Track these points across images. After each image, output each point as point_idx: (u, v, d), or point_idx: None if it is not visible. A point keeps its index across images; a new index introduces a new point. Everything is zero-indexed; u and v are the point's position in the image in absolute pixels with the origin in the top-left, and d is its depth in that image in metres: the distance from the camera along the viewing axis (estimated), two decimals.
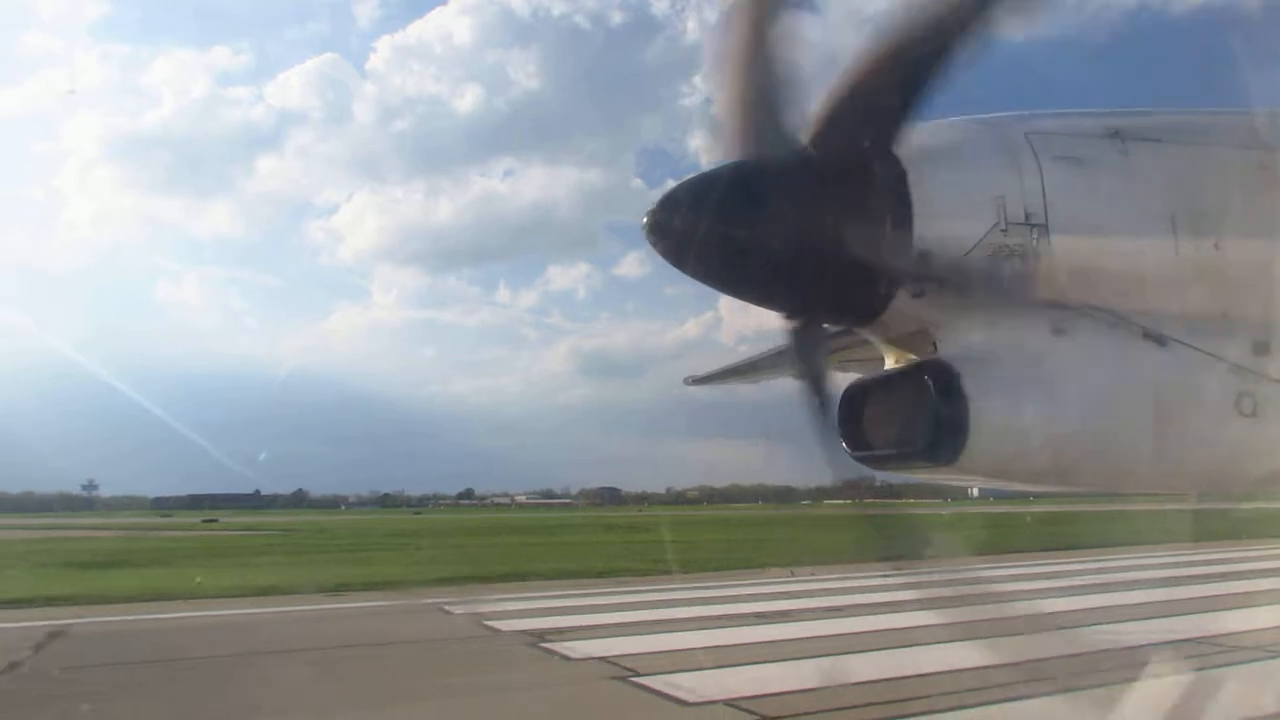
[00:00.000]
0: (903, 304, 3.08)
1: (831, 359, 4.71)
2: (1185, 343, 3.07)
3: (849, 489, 3.69)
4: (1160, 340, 3.06)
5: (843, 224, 2.99)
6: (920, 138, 3.09)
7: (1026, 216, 3.01)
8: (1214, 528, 17.27)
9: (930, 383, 3.04)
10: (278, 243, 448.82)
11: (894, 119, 3.00)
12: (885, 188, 2.98)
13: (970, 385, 2.97)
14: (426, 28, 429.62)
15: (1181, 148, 3.24)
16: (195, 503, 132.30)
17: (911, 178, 2.98)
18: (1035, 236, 3.02)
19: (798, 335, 3.33)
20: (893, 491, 3.93)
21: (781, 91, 3.10)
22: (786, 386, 4.16)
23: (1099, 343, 3.05)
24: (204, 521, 66.64)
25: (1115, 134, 3.14)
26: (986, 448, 2.99)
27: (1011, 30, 3.07)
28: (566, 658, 8.89)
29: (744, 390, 6.18)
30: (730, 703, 6.86)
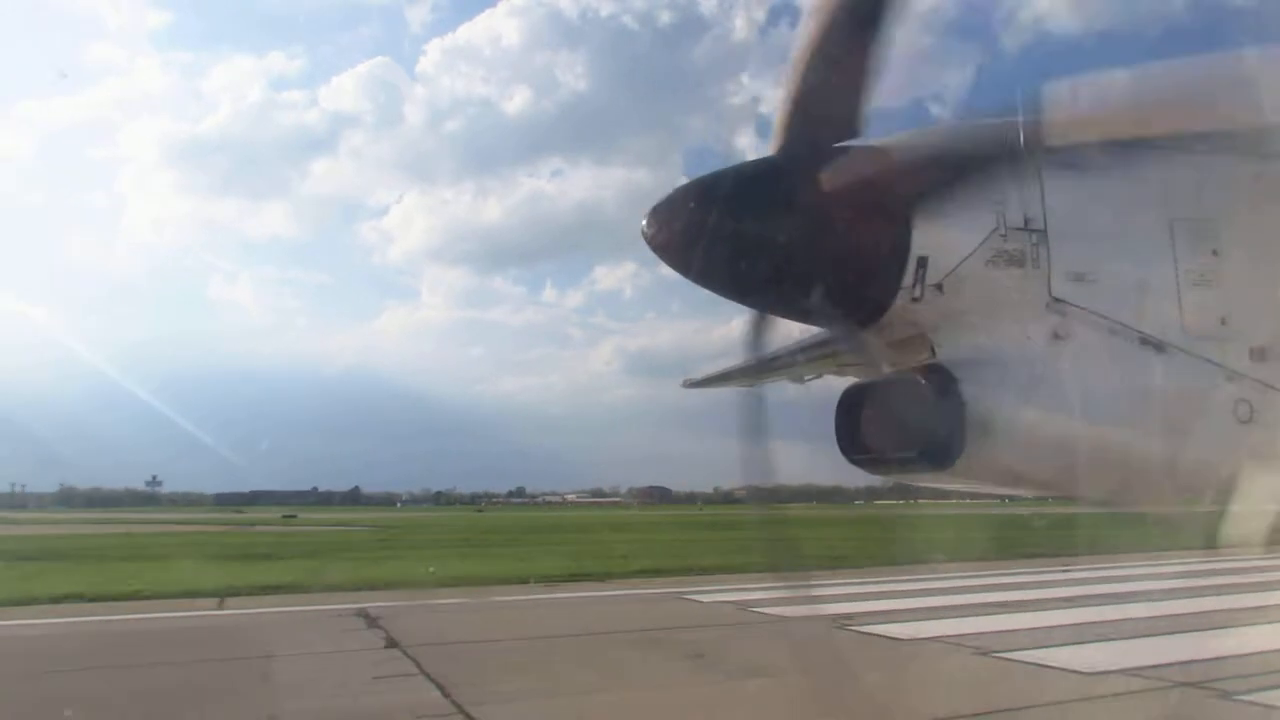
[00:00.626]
0: (901, 308, 3.08)
1: (829, 362, 4.76)
2: (1183, 349, 3.07)
3: (899, 489, 3.70)
4: (1158, 346, 3.06)
5: (839, 228, 3.01)
6: (917, 138, 3.12)
7: (1025, 222, 3.03)
8: None
9: (928, 387, 3.04)
10: (330, 243, 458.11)
11: (851, 111, 3.02)
12: (882, 191, 2.99)
13: (968, 390, 2.97)
14: (475, 30, 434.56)
15: (1180, 154, 3.23)
16: (255, 499, 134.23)
17: (909, 179, 2.98)
18: (1034, 242, 3.03)
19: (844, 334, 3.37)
20: (940, 493, 3.94)
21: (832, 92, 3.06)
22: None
23: (1097, 348, 3.05)
24: (284, 518, 66.71)
25: (1114, 140, 3.14)
26: (984, 453, 2.99)
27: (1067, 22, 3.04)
28: (896, 639, 8.67)
29: (790, 390, 6.22)
30: (1132, 672, 6.61)
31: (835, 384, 3.56)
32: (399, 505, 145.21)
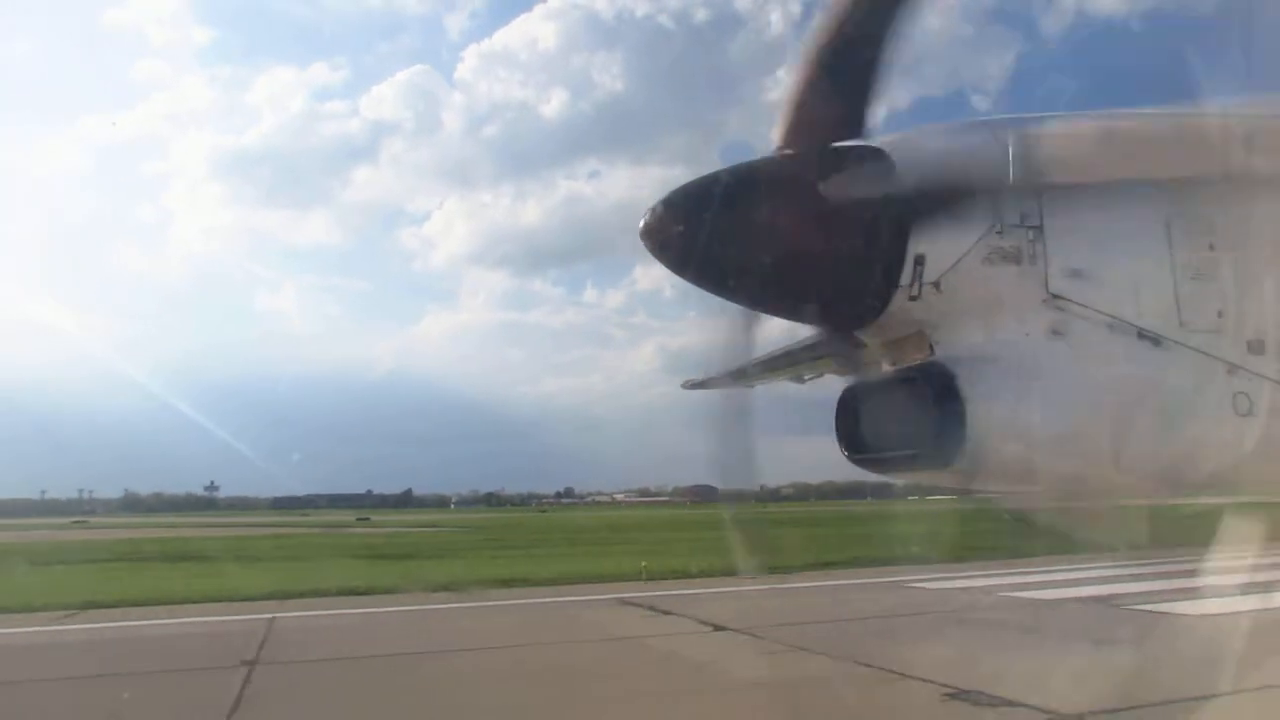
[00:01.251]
0: (899, 307, 3.09)
1: (829, 362, 4.77)
2: (1181, 343, 3.07)
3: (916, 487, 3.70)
4: (1156, 340, 3.06)
5: (837, 228, 3.02)
6: (915, 140, 3.12)
7: (1022, 219, 3.03)
8: None
9: (927, 385, 3.06)
10: (372, 250, 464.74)
11: (859, 111, 3.03)
12: (879, 191, 2.99)
13: (967, 387, 2.98)
14: (512, 35, 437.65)
15: (1174, 149, 3.23)
16: (311, 502, 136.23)
17: (907, 181, 2.98)
18: (1031, 239, 3.04)
19: (808, 337, 3.39)
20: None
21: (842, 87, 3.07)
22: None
23: (1095, 344, 3.05)
24: (359, 520, 66.86)
25: (1107, 135, 3.15)
26: (983, 450, 3.00)
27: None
28: (1186, 615, 8.43)
29: (834, 387, 6.21)
30: None
31: (836, 383, 3.59)
32: (452, 507, 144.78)
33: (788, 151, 3.12)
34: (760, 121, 3.48)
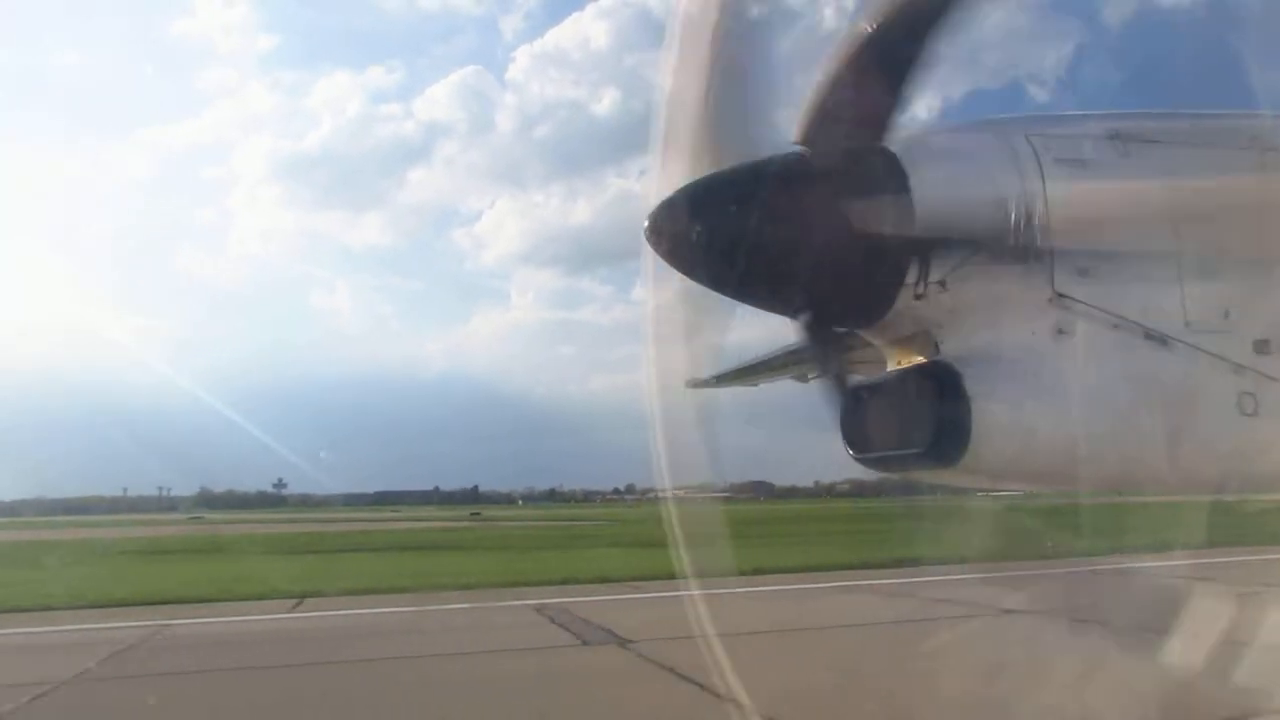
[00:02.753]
0: (905, 305, 3.10)
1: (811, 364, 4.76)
2: (1187, 342, 3.06)
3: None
4: (1162, 340, 3.06)
5: (844, 226, 3.01)
6: (922, 140, 3.12)
7: (1028, 218, 3.02)
8: None
9: (933, 384, 3.07)
10: (424, 250, 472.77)
11: (885, 116, 3.02)
12: (888, 189, 2.99)
13: (973, 386, 2.98)
14: (564, 34, 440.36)
15: (1181, 149, 3.23)
16: (382, 499, 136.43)
17: (913, 180, 2.98)
18: (1037, 238, 3.02)
19: (817, 336, 3.36)
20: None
21: (759, 93, 3.18)
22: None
23: (1101, 343, 3.05)
24: (471, 515, 68.55)
25: (1115, 136, 3.14)
26: (989, 449, 3.00)
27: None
28: None
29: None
30: None
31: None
32: (520, 504, 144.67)
33: (799, 149, 3.13)
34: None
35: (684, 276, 3.24)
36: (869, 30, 2.89)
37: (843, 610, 9.53)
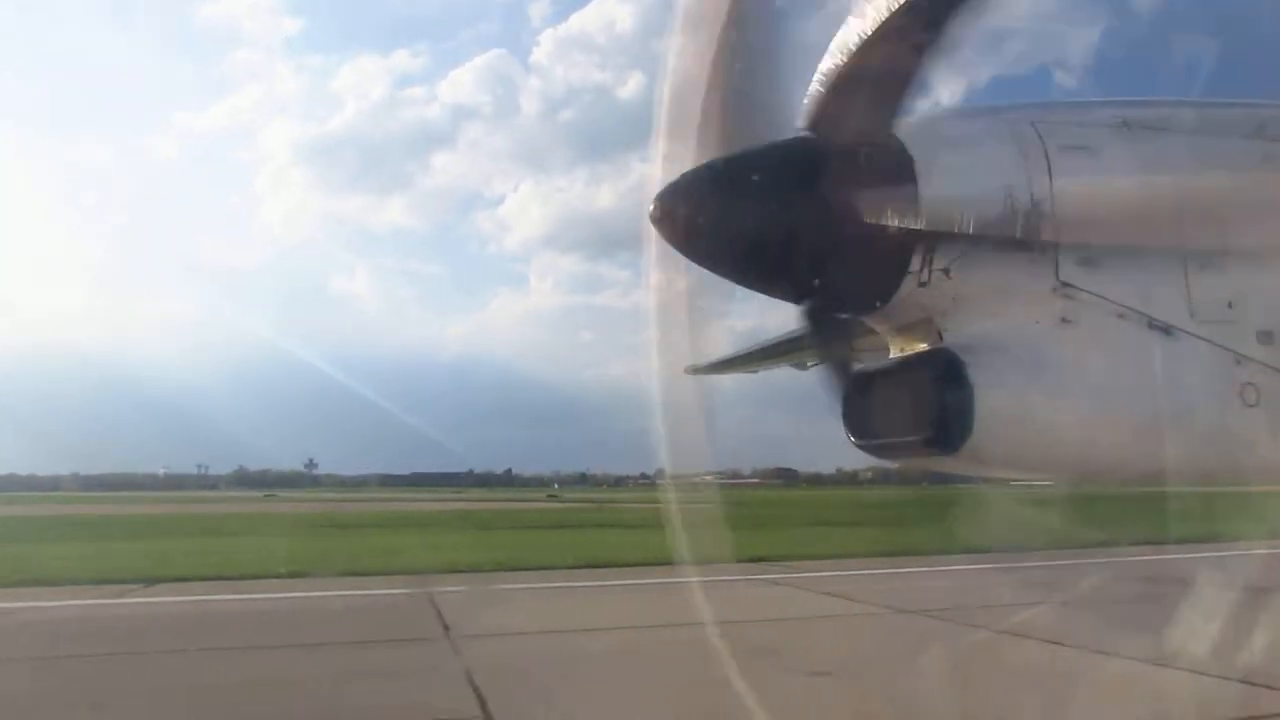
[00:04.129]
0: (909, 292, 3.09)
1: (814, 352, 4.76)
2: (1190, 332, 3.06)
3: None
4: (1166, 330, 3.05)
5: (849, 212, 3.00)
6: (928, 126, 3.11)
7: (1034, 205, 3.00)
8: None
9: (936, 371, 3.06)
10: (448, 233, 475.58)
11: (894, 101, 3.00)
12: (893, 175, 2.99)
13: (976, 374, 2.97)
14: (588, 18, 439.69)
15: (1188, 138, 3.21)
16: (418, 480, 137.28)
17: (919, 165, 2.98)
18: (1042, 226, 3.01)
19: (819, 322, 3.38)
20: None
21: (769, 78, 3.17)
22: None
23: (1105, 332, 3.05)
24: (549, 496, 70.92)
25: (1123, 124, 3.13)
26: (991, 437, 2.99)
27: None
28: None
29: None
30: None
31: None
32: (556, 487, 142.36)
33: (805, 134, 3.12)
34: None
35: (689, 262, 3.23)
36: (878, 14, 2.86)
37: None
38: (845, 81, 3.00)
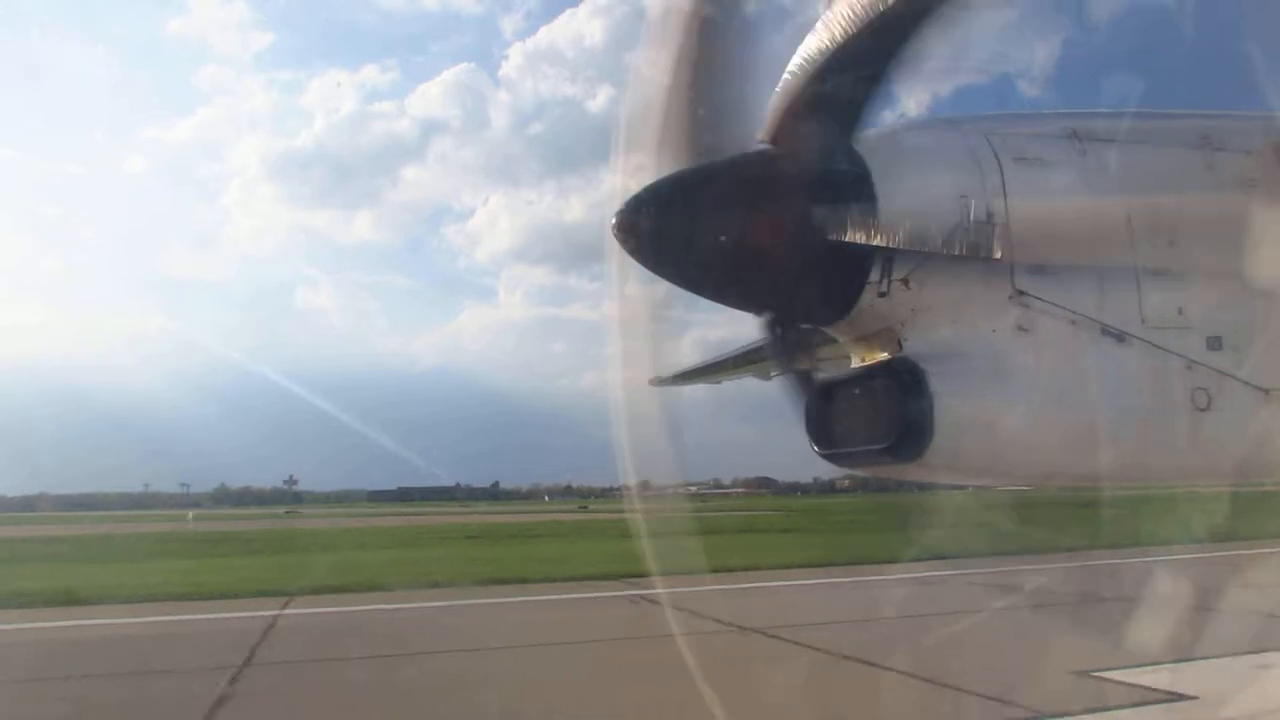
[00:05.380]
0: (868, 303, 3.13)
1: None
2: (1142, 338, 3.13)
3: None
4: (1119, 336, 3.11)
5: (808, 224, 3.03)
6: (884, 138, 3.16)
7: (989, 215, 3.06)
8: None
9: (896, 381, 3.09)
10: (417, 247, 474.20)
11: (853, 115, 3.04)
12: (851, 188, 3.02)
13: (935, 383, 3.01)
14: (556, 32, 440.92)
15: (1137, 148, 3.27)
16: (405, 495, 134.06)
17: (876, 178, 3.02)
18: (997, 235, 3.06)
19: (780, 333, 3.39)
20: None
21: (732, 91, 3.19)
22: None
23: (1059, 339, 3.10)
24: (580, 508, 71.63)
25: (1073, 135, 3.19)
26: (951, 444, 3.03)
27: None
28: None
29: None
30: None
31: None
32: (546, 499, 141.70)
33: (765, 147, 3.15)
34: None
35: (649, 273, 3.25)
36: (838, 29, 2.90)
37: None
38: (805, 95, 3.03)
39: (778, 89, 3.12)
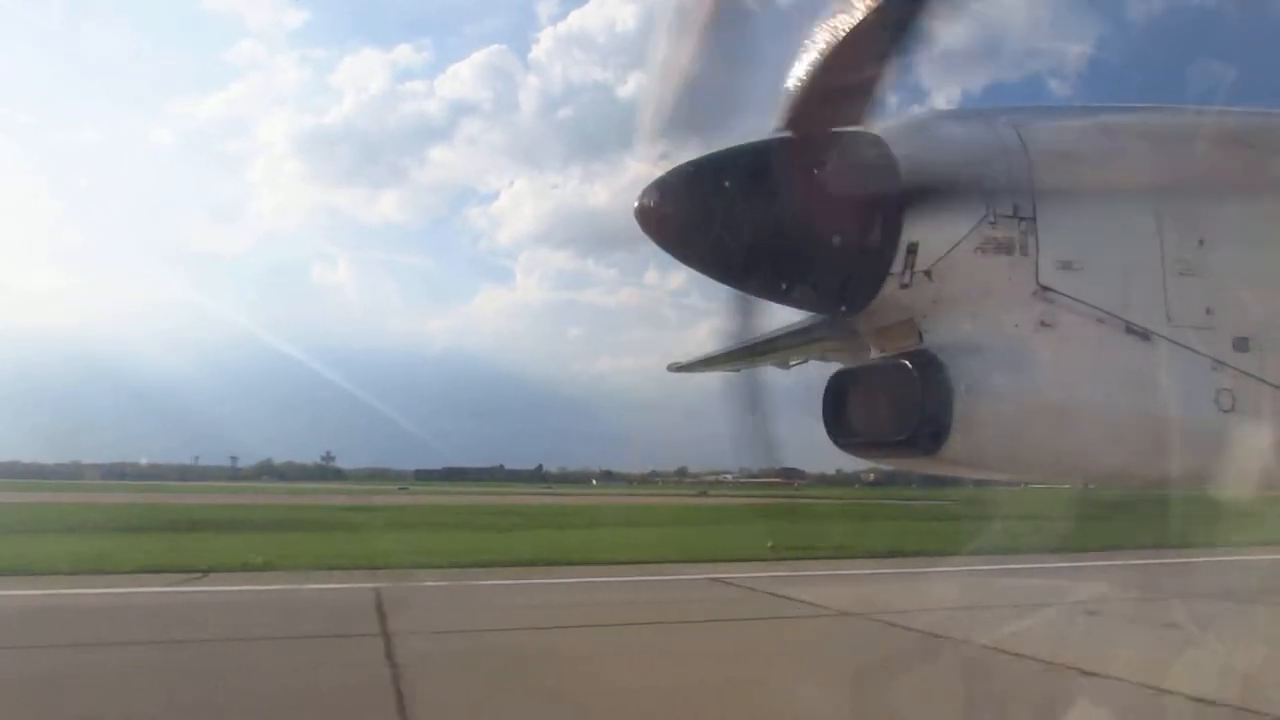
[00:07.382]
0: (890, 294, 3.10)
1: (815, 348, 4.80)
2: (1168, 338, 3.08)
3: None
4: (1143, 335, 3.07)
5: (830, 212, 3.02)
6: (912, 128, 3.13)
7: (1015, 210, 3.03)
8: None
9: (915, 373, 3.06)
10: (440, 228, 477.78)
11: (875, 100, 3.02)
12: (876, 177, 3.00)
13: (955, 376, 2.99)
14: (588, 16, 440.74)
15: (1167, 144, 3.24)
16: (452, 475, 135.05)
17: (902, 167, 2.99)
18: (1023, 230, 3.04)
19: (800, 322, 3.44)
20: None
21: (756, 78, 3.19)
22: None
23: (1083, 336, 3.06)
24: (699, 493, 72.88)
25: (1104, 130, 3.14)
26: (969, 439, 3.02)
27: None
28: None
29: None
30: None
31: (821, 369, 3.62)
32: (594, 483, 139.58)
33: (786, 134, 3.11)
34: None
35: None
36: (855, 12, 2.87)
37: None
38: (828, 82, 2.99)
39: (801, 75, 3.07)
